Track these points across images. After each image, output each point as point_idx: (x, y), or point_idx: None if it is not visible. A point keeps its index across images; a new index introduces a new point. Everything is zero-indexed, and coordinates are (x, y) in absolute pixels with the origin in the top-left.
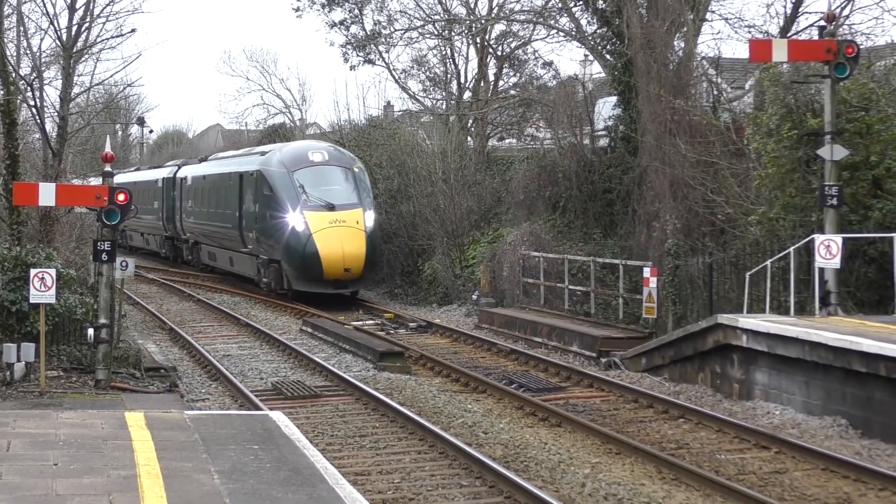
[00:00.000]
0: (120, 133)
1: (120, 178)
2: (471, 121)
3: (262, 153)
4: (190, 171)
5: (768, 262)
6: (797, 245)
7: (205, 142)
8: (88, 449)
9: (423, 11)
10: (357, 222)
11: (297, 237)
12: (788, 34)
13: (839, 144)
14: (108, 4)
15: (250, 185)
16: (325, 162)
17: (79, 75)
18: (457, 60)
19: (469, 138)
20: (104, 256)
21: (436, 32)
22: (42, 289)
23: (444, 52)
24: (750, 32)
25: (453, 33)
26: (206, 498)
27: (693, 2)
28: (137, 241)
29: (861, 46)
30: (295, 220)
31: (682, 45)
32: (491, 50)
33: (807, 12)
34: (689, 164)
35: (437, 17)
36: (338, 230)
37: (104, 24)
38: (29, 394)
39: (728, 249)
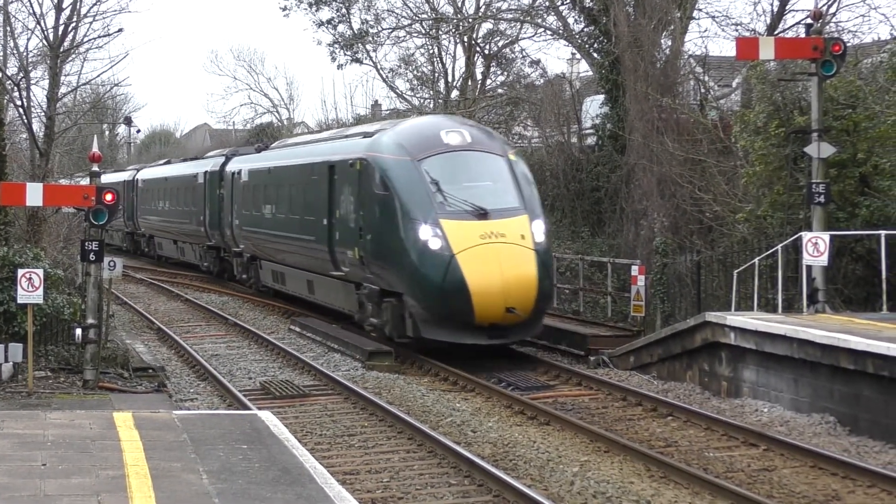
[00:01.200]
0: (107, 133)
1: (145, 174)
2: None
3: (365, 134)
4: (244, 164)
5: (756, 260)
6: (785, 243)
7: (192, 141)
8: (77, 449)
9: (411, 10)
10: (522, 236)
11: (430, 259)
12: (775, 32)
13: (826, 142)
14: (94, 4)
15: (349, 180)
16: (467, 146)
17: (66, 75)
18: (444, 59)
19: None
20: (92, 256)
21: (423, 31)
22: (30, 289)
23: (431, 51)
24: (737, 30)
25: (441, 32)
26: (194, 498)
27: (680, 0)
28: (168, 250)
29: (848, 44)
30: (426, 233)
31: (670, 43)
32: (478, 48)
33: (793, 10)
34: (676, 162)
35: (424, 15)
36: (495, 249)
37: (91, 23)
38: (17, 394)
39: (716, 247)
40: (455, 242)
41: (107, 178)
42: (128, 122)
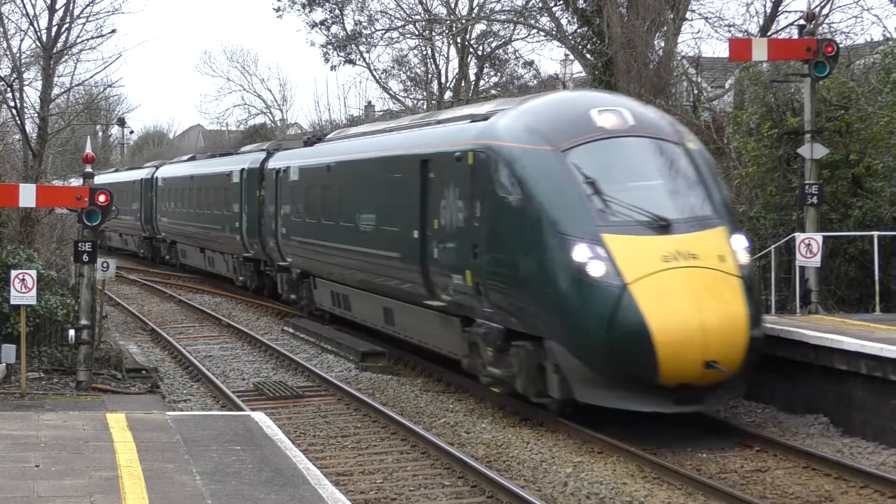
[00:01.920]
0: (100, 134)
1: (166, 171)
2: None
3: (474, 117)
4: (293, 160)
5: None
6: (777, 244)
7: (185, 142)
8: (70, 450)
9: (404, 11)
10: (721, 257)
11: (589, 291)
12: (768, 33)
13: (819, 143)
14: (88, 5)
15: (454, 178)
16: (630, 129)
17: (59, 76)
18: (437, 60)
19: None
20: (85, 257)
21: (416, 32)
22: (23, 290)
23: (424, 52)
24: (730, 31)
25: (434, 33)
26: (188, 499)
27: (673, 1)
28: (193, 259)
29: (840, 45)
30: (583, 253)
31: (663, 44)
32: (472, 49)
33: (786, 11)
34: None
35: (417, 16)
36: (685, 276)
37: (84, 24)
38: (10, 395)
39: None
40: (627, 267)
41: (121, 176)
42: (121, 123)
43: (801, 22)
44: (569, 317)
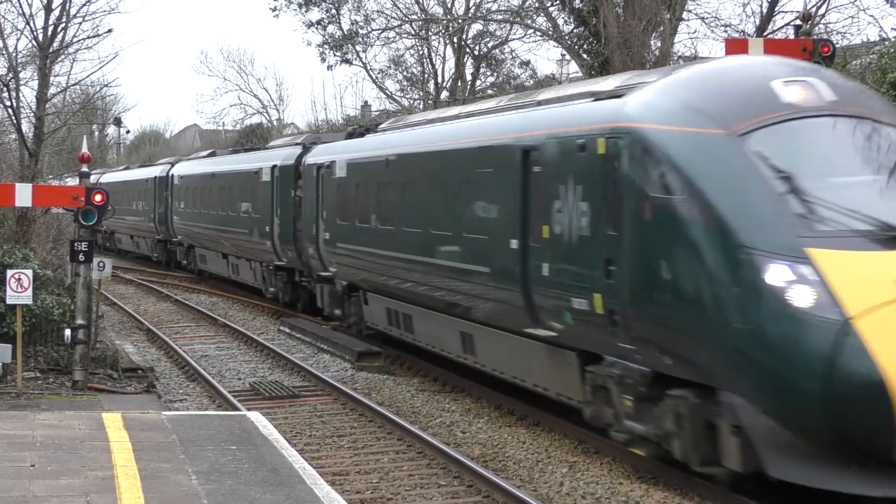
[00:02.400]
0: (97, 133)
1: (183, 169)
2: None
3: (597, 95)
4: (337, 154)
5: None
6: None
7: (182, 142)
8: (66, 450)
9: (401, 11)
10: None
11: (792, 327)
12: (764, 33)
13: None
14: (84, 4)
15: (574, 172)
16: (829, 107)
17: (55, 76)
18: (434, 60)
19: None
20: (81, 257)
21: (413, 32)
22: (19, 290)
23: (421, 52)
24: (726, 31)
25: (430, 33)
26: (183, 499)
27: (670, 1)
28: (215, 266)
29: (837, 45)
30: (779, 274)
31: (659, 44)
32: (468, 49)
33: (783, 11)
34: None
35: (414, 16)
36: None
37: (80, 24)
38: (6, 395)
39: None
40: (849, 294)
41: (132, 174)
42: (117, 122)
43: (798, 22)
44: (761, 361)
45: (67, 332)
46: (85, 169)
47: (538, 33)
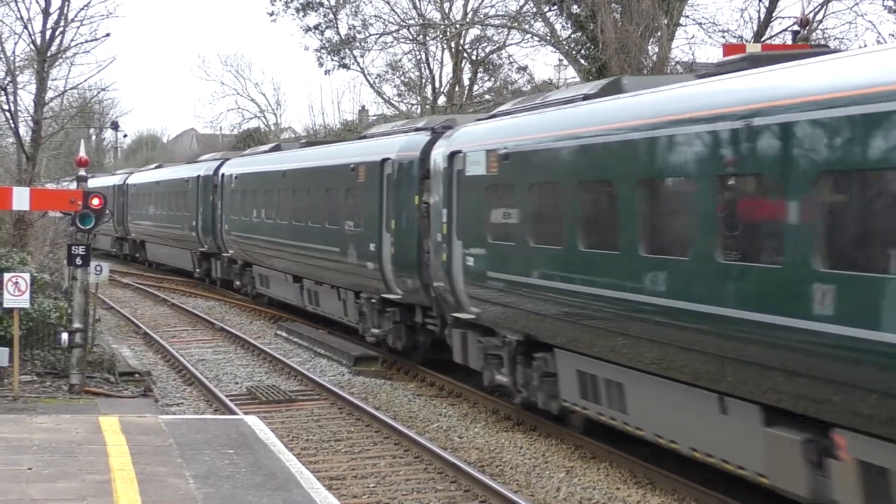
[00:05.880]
0: (94, 137)
1: (238, 167)
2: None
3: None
4: (516, 137)
5: None
6: None
7: (179, 146)
8: (63, 454)
9: (398, 16)
10: None
11: None
12: (762, 39)
13: None
14: (82, 9)
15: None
16: None
17: (53, 79)
18: (431, 65)
19: None
20: (78, 261)
21: (410, 37)
22: (16, 293)
23: (418, 57)
24: (724, 37)
25: (428, 38)
26: (180, 502)
27: (667, 7)
28: (281, 290)
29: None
30: None
31: (657, 49)
32: (465, 54)
33: (780, 17)
34: None
35: (411, 21)
36: None
37: (78, 28)
38: (2, 398)
39: None
40: None
41: (164, 174)
42: (115, 126)
43: (796, 28)
44: None
45: (64, 335)
46: (82, 173)
47: (536, 38)
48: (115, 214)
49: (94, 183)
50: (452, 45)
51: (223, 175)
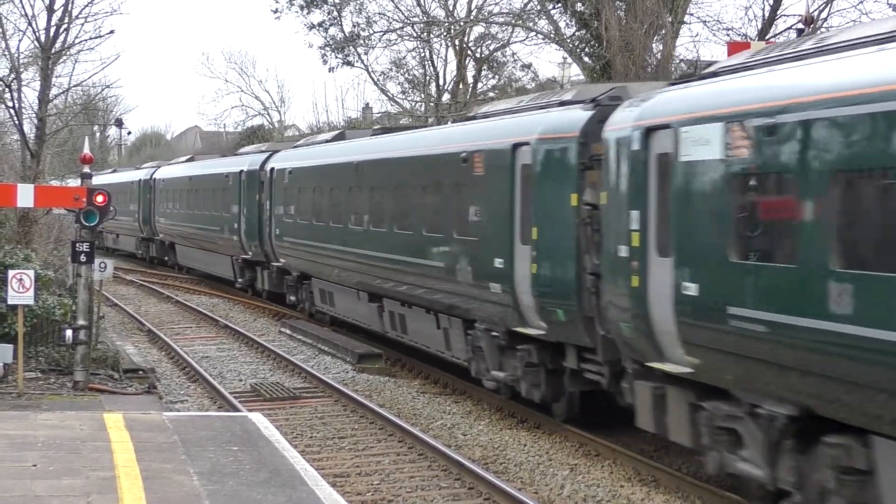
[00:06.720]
0: (98, 134)
1: (288, 160)
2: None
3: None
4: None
5: None
6: None
7: (183, 143)
8: (67, 450)
9: (402, 13)
10: None
11: None
12: (767, 37)
13: None
14: (86, 6)
15: None
16: None
17: (57, 76)
18: (435, 62)
19: None
20: (83, 258)
21: (414, 34)
22: (20, 290)
23: (422, 54)
24: (728, 35)
25: (432, 35)
26: (185, 499)
27: (672, 4)
28: (347, 308)
29: None
30: None
31: (661, 47)
32: (470, 52)
33: (785, 15)
34: None
35: (415, 19)
36: None
37: (82, 25)
38: (7, 395)
39: None
40: None
41: (198, 167)
42: (119, 123)
43: (800, 26)
44: None
45: (69, 332)
46: (87, 170)
47: (540, 36)
48: (140, 213)
49: (117, 177)
50: (456, 42)
51: (272, 170)
